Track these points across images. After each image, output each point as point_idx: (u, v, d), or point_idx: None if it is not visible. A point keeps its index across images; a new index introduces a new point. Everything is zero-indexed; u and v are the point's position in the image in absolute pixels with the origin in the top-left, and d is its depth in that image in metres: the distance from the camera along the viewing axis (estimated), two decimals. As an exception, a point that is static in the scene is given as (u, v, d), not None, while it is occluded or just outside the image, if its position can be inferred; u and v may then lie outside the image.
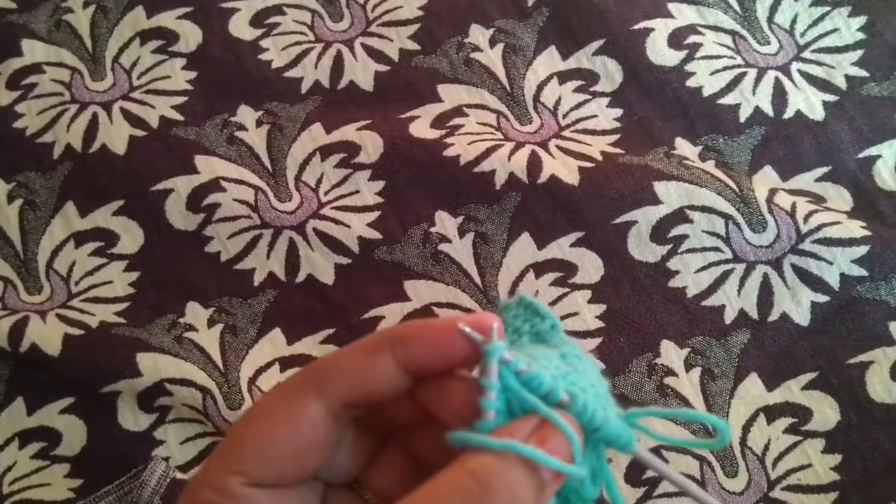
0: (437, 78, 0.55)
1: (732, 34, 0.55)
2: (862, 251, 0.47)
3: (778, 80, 0.53)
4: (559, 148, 0.52)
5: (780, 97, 0.53)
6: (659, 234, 0.49)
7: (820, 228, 0.48)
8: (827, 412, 0.45)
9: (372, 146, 0.52)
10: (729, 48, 0.55)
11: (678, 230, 0.49)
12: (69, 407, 0.48)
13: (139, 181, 0.53)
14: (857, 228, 0.48)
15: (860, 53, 0.54)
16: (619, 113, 0.53)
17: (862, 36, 0.54)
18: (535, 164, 0.50)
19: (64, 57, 0.57)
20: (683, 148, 0.52)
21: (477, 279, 0.49)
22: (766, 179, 0.51)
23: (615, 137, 0.53)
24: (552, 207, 0.50)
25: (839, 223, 0.48)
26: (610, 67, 0.54)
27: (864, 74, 0.53)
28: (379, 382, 0.25)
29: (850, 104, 0.52)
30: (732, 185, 0.50)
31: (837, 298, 0.47)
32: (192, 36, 0.57)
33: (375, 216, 0.51)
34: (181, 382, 0.47)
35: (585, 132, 0.53)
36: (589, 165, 0.50)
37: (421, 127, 0.53)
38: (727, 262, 0.49)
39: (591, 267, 0.49)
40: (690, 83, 0.53)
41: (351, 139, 0.53)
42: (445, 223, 0.51)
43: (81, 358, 0.47)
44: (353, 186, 0.52)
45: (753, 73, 0.54)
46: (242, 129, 0.54)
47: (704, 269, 0.48)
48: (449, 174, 0.51)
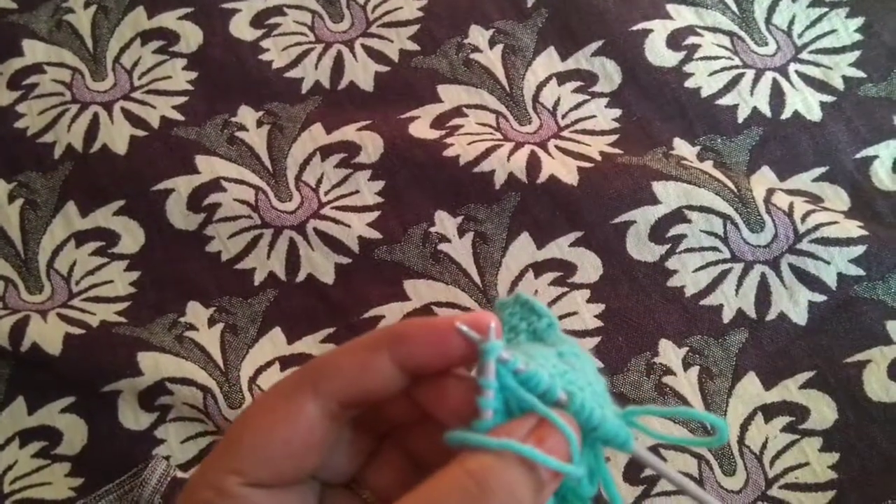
0: (436, 78, 0.55)
1: (730, 35, 0.55)
2: (859, 251, 0.47)
3: (776, 80, 0.54)
4: (558, 148, 0.52)
5: (777, 98, 0.53)
6: (657, 233, 0.49)
7: (817, 228, 0.48)
8: (824, 411, 0.45)
9: (372, 146, 0.53)
10: (727, 49, 0.55)
11: (676, 230, 0.49)
12: (70, 406, 0.48)
13: (140, 181, 0.53)
14: (854, 228, 0.48)
15: (857, 54, 0.54)
16: (617, 113, 0.54)
17: (859, 37, 0.55)
18: (534, 164, 0.51)
19: (65, 57, 0.58)
20: (682, 148, 0.52)
21: (476, 279, 0.49)
22: (763, 179, 0.51)
23: (614, 138, 0.53)
24: (551, 207, 0.50)
25: (836, 223, 0.48)
26: (609, 68, 0.55)
27: (861, 75, 0.53)
28: (376, 382, 0.25)
29: (847, 105, 0.53)
30: (730, 185, 0.50)
31: (835, 298, 0.47)
32: (192, 36, 0.57)
33: (375, 216, 0.51)
34: (182, 381, 0.47)
35: (584, 132, 0.53)
36: (588, 165, 0.51)
37: (421, 127, 0.53)
38: (725, 261, 0.49)
39: (589, 266, 0.49)
40: (689, 84, 0.54)
41: (351, 139, 0.53)
42: (445, 223, 0.51)
43: (82, 357, 0.48)
44: (353, 186, 0.52)
45: (751, 73, 0.54)
46: (243, 129, 0.55)
47: (702, 268, 0.49)
48: (448, 174, 0.51)
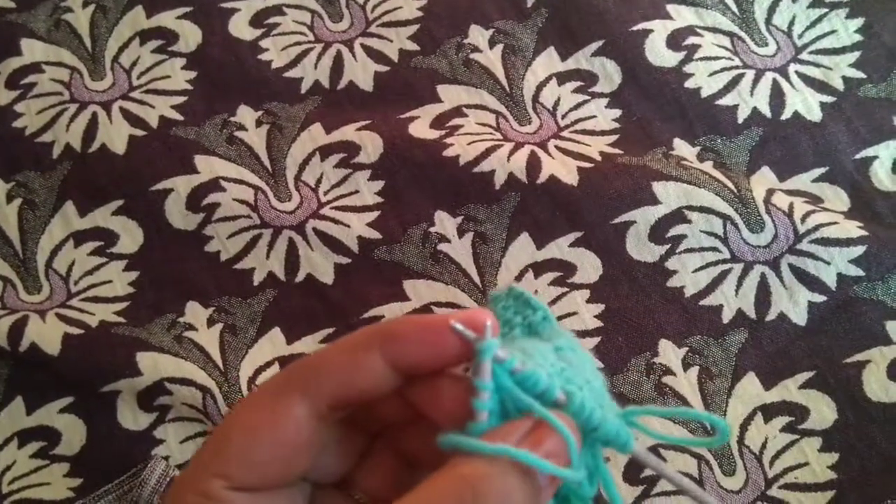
0: (436, 78, 0.55)
1: (730, 36, 0.55)
2: (859, 251, 0.47)
3: (776, 81, 0.54)
4: (558, 148, 0.52)
5: (777, 98, 0.53)
6: (657, 234, 0.49)
7: (817, 229, 0.48)
8: (824, 411, 0.45)
9: (371, 146, 0.52)
10: (727, 49, 0.55)
11: (676, 230, 0.49)
12: (69, 406, 0.48)
13: (139, 181, 0.53)
14: (854, 229, 0.48)
15: (857, 55, 0.54)
16: (617, 113, 0.54)
17: (859, 38, 0.55)
18: (534, 164, 0.51)
19: (63, 56, 0.57)
20: (682, 148, 0.52)
21: (476, 279, 0.49)
22: (763, 180, 0.51)
23: (614, 138, 0.53)
24: (551, 207, 0.50)
25: (836, 223, 0.48)
26: (609, 68, 0.55)
27: (861, 76, 0.53)
28: (367, 382, 0.24)
29: (847, 105, 0.53)
30: (730, 185, 0.50)
31: (834, 298, 0.47)
32: (191, 36, 0.57)
33: (375, 216, 0.51)
34: (181, 382, 0.47)
35: (584, 132, 0.53)
36: (588, 166, 0.51)
37: (420, 127, 0.53)
38: (725, 262, 0.49)
39: (589, 267, 0.49)
40: (689, 84, 0.54)
41: (350, 139, 0.53)
42: (445, 223, 0.51)
43: (81, 357, 0.47)
44: (352, 186, 0.52)
45: (751, 74, 0.54)
46: (242, 128, 0.54)
47: (702, 268, 0.49)
48: (448, 174, 0.51)
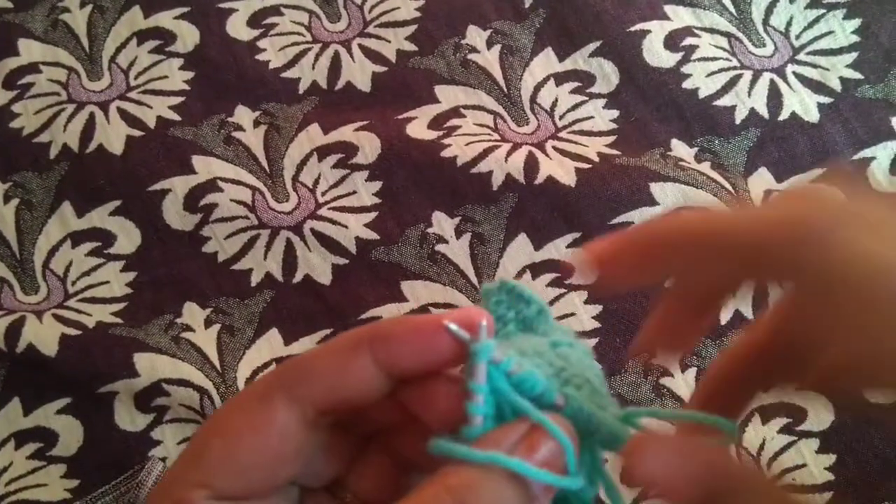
0: (434, 79, 0.55)
1: (728, 36, 0.55)
2: (856, 252, 0.47)
3: (773, 82, 0.54)
4: (556, 149, 0.52)
5: (775, 99, 0.53)
6: (655, 235, 0.49)
7: (815, 230, 0.48)
8: (822, 412, 0.45)
9: (369, 147, 0.52)
10: (725, 50, 0.55)
11: (674, 231, 0.49)
12: (66, 407, 0.48)
13: (136, 181, 0.53)
14: (851, 230, 0.48)
15: (855, 56, 0.54)
16: (615, 114, 0.54)
17: (856, 38, 0.55)
18: (531, 165, 0.51)
19: (60, 56, 0.57)
20: (679, 149, 0.52)
21: (474, 280, 0.49)
22: (761, 181, 0.51)
23: (612, 139, 0.53)
24: (549, 208, 0.50)
25: (834, 224, 0.48)
26: (606, 69, 0.55)
27: (858, 77, 0.53)
28: (356, 386, 0.23)
29: (844, 106, 0.53)
30: (728, 186, 0.50)
31: (832, 299, 0.47)
32: (189, 36, 0.57)
33: (373, 217, 0.51)
34: (178, 383, 0.47)
35: (582, 133, 0.53)
36: (585, 166, 0.51)
37: (418, 128, 0.53)
38: (723, 262, 0.49)
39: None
40: (686, 85, 0.54)
41: (348, 140, 0.53)
42: (442, 224, 0.51)
43: (78, 358, 0.47)
44: (350, 187, 0.52)
45: (749, 75, 0.54)
46: (240, 129, 0.54)
47: (700, 269, 0.49)
48: (446, 175, 0.51)
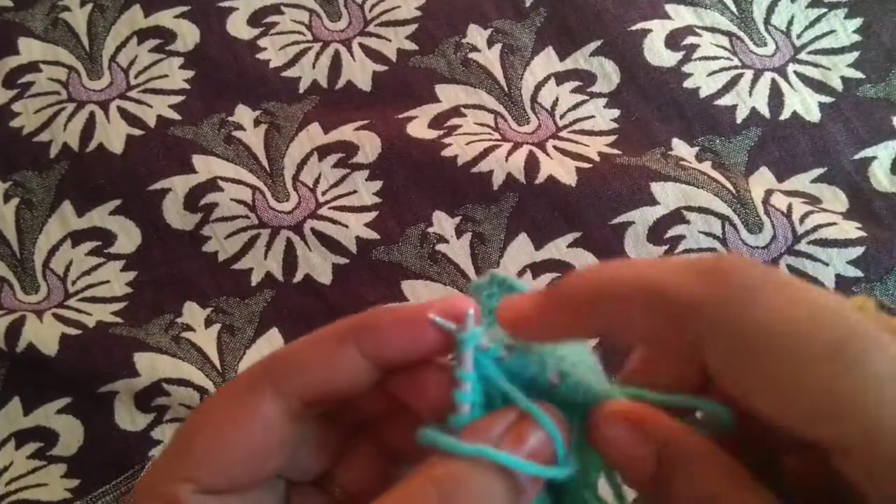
0: (434, 78, 0.55)
1: (729, 35, 0.55)
2: (857, 252, 0.47)
3: (774, 81, 0.54)
4: (556, 148, 0.52)
5: (776, 98, 0.53)
6: (656, 234, 0.49)
7: (816, 230, 0.48)
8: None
9: (370, 146, 0.52)
10: (726, 49, 0.55)
11: (675, 231, 0.49)
12: (66, 407, 0.48)
13: (136, 180, 0.53)
14: (852, 230, 0.48)
15: (856, 55, 0.54)
16: (616, 114, 0.54)
17: (858, 38, 0.55)
18: (532, 164, 0.51)
19: (61, 55, 0.57)
20: (680, 149, 0.52)
21: (474, 279, 0.49)
22: (762, 180, 0.51)
23: (612, 138, 0.53)
24: (549, 208, 0.50)
25: (835, 224, 0.48)
26: (607, 68, 0.54)
27: (859, 76, 0.53)
28: (343, 377, 0.22)
29: (845, 106, 0.53)
30: (729, 186, 0.50)
31: (833, 299, 0.47)
32: (189, 35, 0.57)
33: (373, 216, 0.51)
34: (178, 382, 0.47)
35: (583, 133, 0.53)
36: (586, 166, 0.51)
37: (418, 127, 0.53)
38: (724, 262, 0.49)
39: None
40: (687, 84, 0.54)
41: (349, 139, 0.53)
42: (443, 223, 0.51)
43: (78, 358, 0.47)
44: (350, 186, 0.52)
45: (750, 74, 0.54)
46: (240, 128, 0.54)
47: (701, 269, 0.49)
48: (446, 174, 0.51)
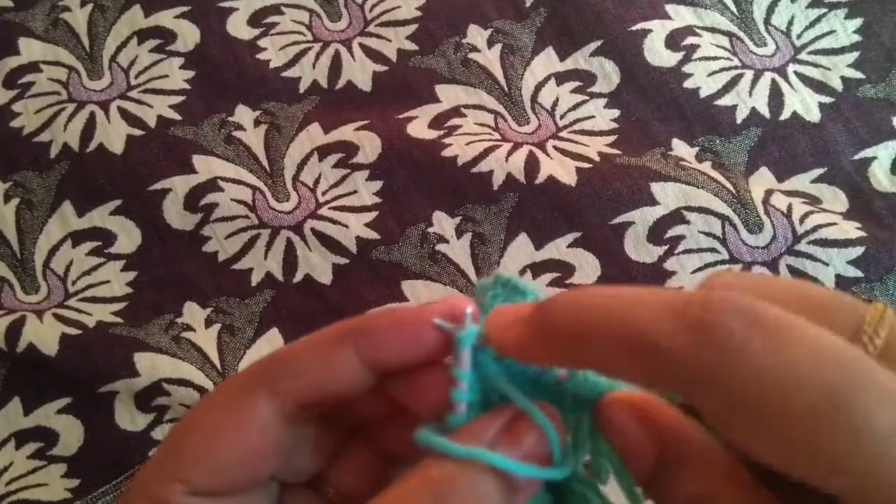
0: (434, 78, 0.55)
1: (729, 36, 0.55)
2: (857, 252, 0.47)
3: (774, 81, 0.54)
4: (556, 148, 0.52)
5: (776, 99, 0.53)
6: (656, 234, 0.49)
7: (816, 230, 0.48)
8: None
9: (370, 146, 0.52)
10: (726, 50, 0.55)
11: (675, 231, 0.49)
12: (66, 407, 0.48)
13: (137, 181, 0.53)
14: (852, 230, 0.48)
15: (856, 55, 0.54)
16: (616, 114, 0.54)
17: (858, 38, 0.55)
18: (532, 164, 0.51)
19: (61, 56, 0.57)
20: (680, 149, 0.52)
21: (474, 279, 0.49)
22: (762, 181, 0.51)
23: (612, 138, 0.53)
24: (549, 208, 0.50)
25: (835, 224, 0.48)
26: (607, 68, 0.55)
27: (859, 76, 0.53)
28: (340, 381, 0.22)
29: (846, 106, 0.53)
30: (729, 186, 0.50)
31: (833, 299, 0.47)
32: (189, 35, 0.57)
33: (373, 216, 0.51)
34: (179, 382, 0.47)
35: (583, 133, 0.53)
36: (586, 166, 0.51)
37: (419, 127, 0.53)
38: (723, 262, 0.49)
39: (588, 267, 0.49)
40: (687, 84, 0.54)
41: (349, 139, 0.53)
42: (443, 223, 0.51)
43: (79, 358, 0.47)
44: (350, 186, 0.52)
45: (750, 74, 0.54)
46: (240, 128, 0.54)
47: (701, 269, 0.49)
48: (447, 174, 0.51)
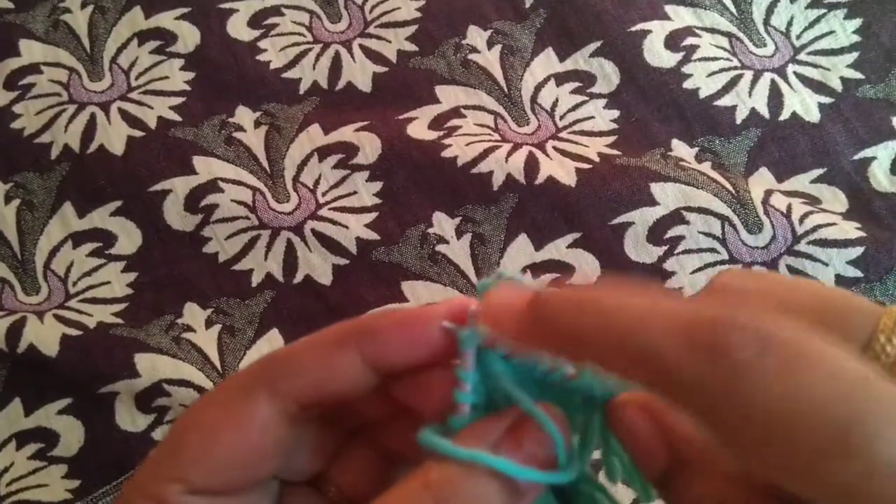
0: (434, 79, 0.55)
1: (729, 36, 0.55)
2: (857, 252, 0.47)
3: (774, 82, 0.54)
4: (556, 149, 0.52)
5: (775, 99, 0.53)
6: (655, 235, 0.49)
7: (815, 230, 0.48)
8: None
9: (370, 147, 0.52)
10: (725, 50, 0.55)
11: (674, 231, 0.49)
12: (67, 408, 0.48)
13: (137, 182, 0.53)
14: (852, 230, 0.48)
15: (855, 55, 0.54)
16: (616, 114, 0.54)
17: (857, 38, 0.55)
18: (532, 165, 0.51)
19: (61, 57, 0.57)
20: (680, 149, 0.52)
21: (474, 280, 0.49)
22: (761, 181, 0.51)
23: (612, 139, 0.53)
24: (549, 208, 0.50)
25: (834, 224, 0.48)
26: (607, 69, 0.55)
27: (859, 76, 0.53)
28: (342, 382, 0.22)
29: (845, 106, 0.53)
30: (728, 186, 0.50)
31: (833, 299, 0.47)
32: (190, 36, 0.57)
33: (373, 217, 0.51)
34: (179, 383, 0.47)
35: (582, 133, 0.53)
36: (586, 167, 0.51)
37: (419, 128, 0.53)
38: (723, 263, 0.49)
39: (587, 268, 0.49)
40: (687, 85, 0.54)
41: (349, 140, 0.53)
42: (443, 224, 0.51)
43: (79, 358, 0.47)
44: (350, 187, 0.52)
45: (750, 75, 0.54)
46: (240, 129, 0.54)
47: (700, 270, 0.49)
48: (446, 175, 0.51)
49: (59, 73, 0.57)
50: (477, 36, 0.56)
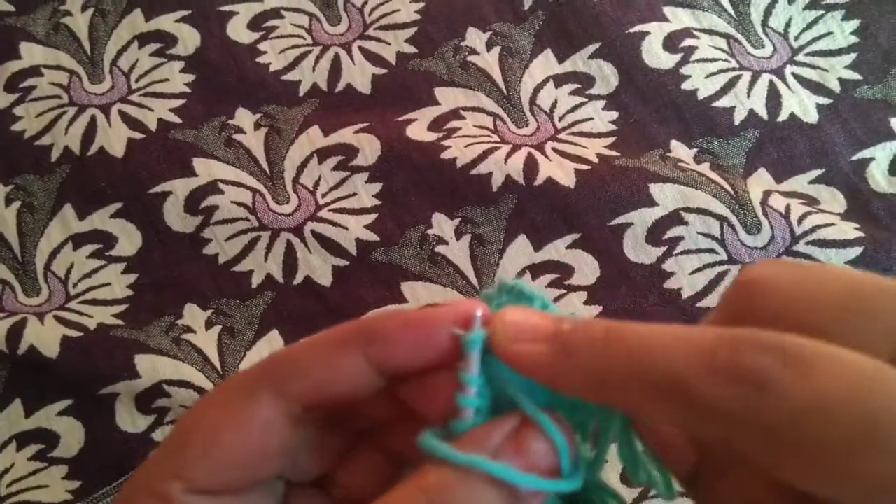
0: (434, 81, 0.55)
1: (727, 37, 0.55)
2: (856, 252, 0.48)
3: (772, 83, 0.54)
4: (555, 150, 0.52)
5: (774, 100, 0.53)
6: (654, 235, 0.49)
7: (814, 230, 0.48)
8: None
9: (369, 149, 0.53)
10: (724, 51, 0.55)
11: (673, 232, 0.49)
12: (67, 409, 0.48)
13: (137, 184, 0.53)
14: (850, 230, 0.48)
15: (853, 56, 0.54)
16: (614, 115, 0.54)
17: (855, 39, 0.55)
18: (531, 166, 0.51)
19: (62, 60, 0.58)
20: (679, 150, 0.52)
21: (474, 281, 0.50)
22: (760, 181, 0.51)
23: (611, 140, 0.53)
24: (548, 209, 0.50)
25: (833, 225, 0.48)
26: (606, 70, 0.55)
27: (857, 77, 0.54)
28: (347, 384, 0.22)
29: (843, 107, 0.53)
30: (727, 187, 0.50)
31: (831, 299, 0.47)
32: (190, 39, 0.57)
33: (373, 218, 0.51)
34: (179, 384, 0.47)
35: (581, 134, 0.53)
36: (585, 168, 0.51)
37: (418, 130, 0.53)
38: (722, 263, 0.49)
39: (587, 268, 0.49)
40: (685, 86, 0.54)
41: (348, 142, 0.53)
42: (442, 225, 0.51)
43: (79, 360, 0.48)
44: (350, 189, 0.52)
45: (748, 76, 0.54)
46: (240, 131, 0.55)
47: (699, 270, 0.49)
48: (446, 176, 0.51)
49: (59, 75, 0.57)
50: (476, 38, 0.56)
